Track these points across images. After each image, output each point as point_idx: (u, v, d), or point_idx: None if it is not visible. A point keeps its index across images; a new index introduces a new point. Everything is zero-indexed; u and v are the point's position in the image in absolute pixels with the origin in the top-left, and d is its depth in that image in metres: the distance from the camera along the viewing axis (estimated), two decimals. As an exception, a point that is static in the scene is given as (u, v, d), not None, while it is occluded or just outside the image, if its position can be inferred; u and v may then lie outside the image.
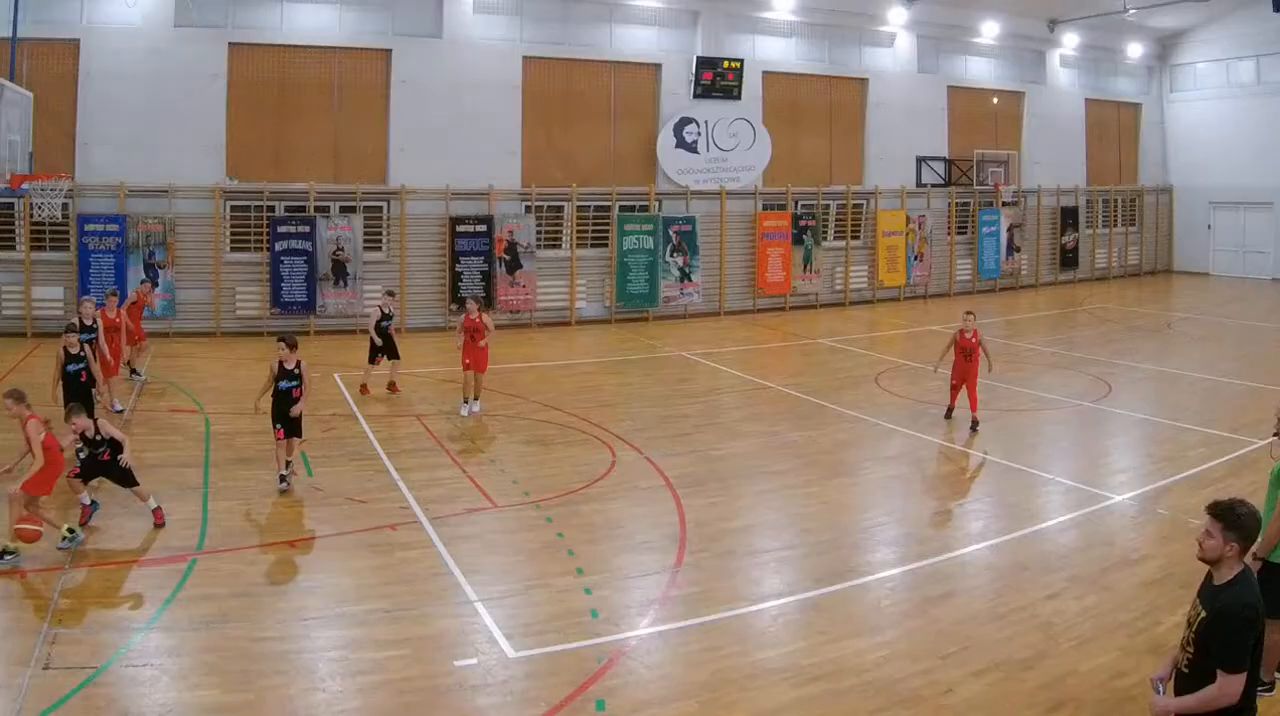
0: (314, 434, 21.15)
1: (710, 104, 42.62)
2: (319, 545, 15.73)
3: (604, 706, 10.91)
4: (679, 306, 41.88)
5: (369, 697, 11.11)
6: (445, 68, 38.10)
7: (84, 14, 34.30)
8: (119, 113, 34.25)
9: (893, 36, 47.19)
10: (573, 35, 40.72)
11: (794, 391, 26.86)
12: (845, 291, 45.93)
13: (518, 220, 38.79)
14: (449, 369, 27.85)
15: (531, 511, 17.33)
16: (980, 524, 17.31)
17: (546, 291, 39.71)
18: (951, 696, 11.19)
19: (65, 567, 14.32)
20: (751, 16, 43.73)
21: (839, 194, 45.71)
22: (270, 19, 36.38)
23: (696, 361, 31.83)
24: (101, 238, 34.18)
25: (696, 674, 11.69)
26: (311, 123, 37.20)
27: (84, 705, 10.61)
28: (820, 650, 12.25)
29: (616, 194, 40.84)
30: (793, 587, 14.31)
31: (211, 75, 35.49)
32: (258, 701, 10.90)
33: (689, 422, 23.78)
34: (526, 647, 12.20)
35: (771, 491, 18.78)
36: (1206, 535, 8.04)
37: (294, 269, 36.00)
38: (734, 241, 43.26)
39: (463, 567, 14.62)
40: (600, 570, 14.74)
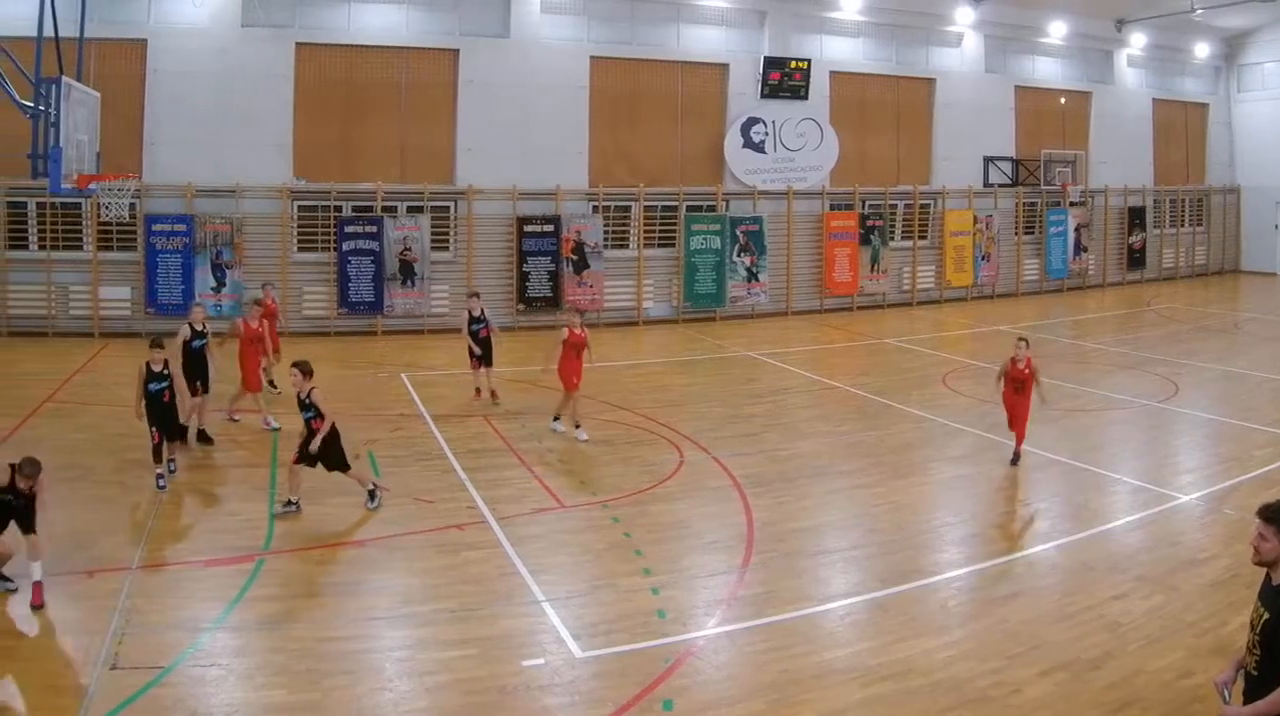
0: (381, 434, 21.06)
1: (777, 104, 40.84)
2: (386, 545, 15.19)
3: (671, 706, 10.62)
4: (746, 306, 40.26)
5: (436, 697, 10.82)
6: (512, 68, 36.73)
7: (151, 14, 33.13)
8: (186, 112, 33.06)
9: (960, 36, 45.16)
10: (640, 35, 39.12)
11: (861, 391, 25.96)
12: (912, 291, 44.11)
13: (585, 220, 37.45)
14: (516, 369, 27.13)
15: (599, 511, 16.81)
16: (1047, 524, 16.75)
17: (614, 291, 38.31)
18: (1018, 696, 10.87)
19: (132, 567, 13.97)
20: (819, 16, 41.88)
21: (906, 194, 43.85)
22: (337, 19, 35.09)
23: (763, 361, 30.75)
24: (169, 238, 32.98)
25: (764, 674, 11.37)
26: (378, 123, 35.94)
27: (151, 705, 10.38)
28: (887, 650, 11.88)
29: (683, 194, 39.34)
30: (860, 587, 13.90)
31: (279, 75, 34.27)
32: (324, 701, 10.67)
33: (756, 422, 23.01)
34: (594, 647, 11.88)
35: (839, 491, 18.16)
36: (1260, 538, 7.69)
37: (361, 269, 34.70)
38: (801, 241, 41.60)
39: (530, 567, 14.22)
40: (667, 570, 14.29)
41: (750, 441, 21.20)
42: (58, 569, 13.31)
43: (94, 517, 15.90)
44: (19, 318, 32.23)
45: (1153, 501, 17.46)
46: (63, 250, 32.53)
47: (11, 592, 12.95)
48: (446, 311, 35.33)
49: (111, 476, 18.06)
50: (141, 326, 32.30)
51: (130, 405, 18.29)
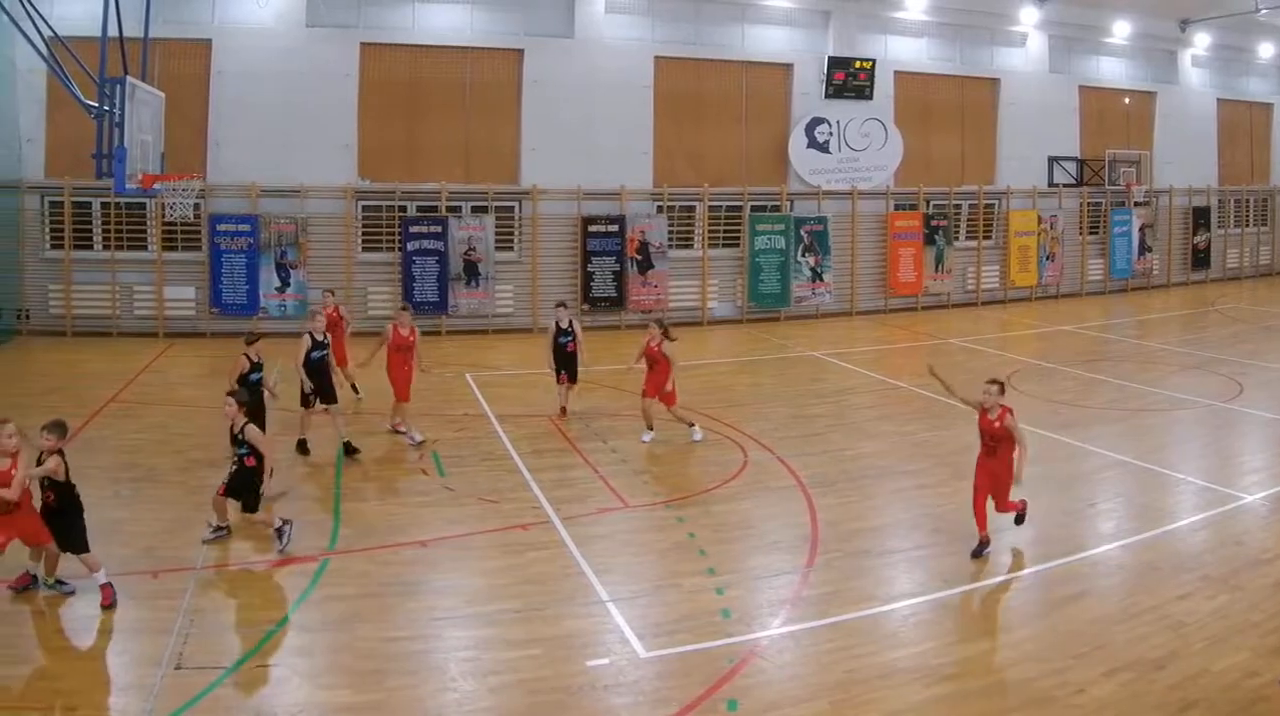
0: (446, 434, 20.53)
1: (842, 104, 39.12)
2: (450, 545, 14.77)
3: (736, 706, 10.25)
4: (811, 306, 38.74)
5: (500, 697, 10.53)
6: (577, 68, 35.36)
7: (215, 14, 32.06)
8: (250, 112, 31.96)
9: (1024, 36, 43.15)
10: (704, 35, 37.55)
11: (925, 391, 24.61)
12: (977, 291, 42.30)
13: (649, 220, 36.01)
14: (581, 369, 25.56)
15: (663, 511, 16.30)
16: (1112, 524, 16.14)
17: (678, 291, 36.78)
18: (1082, 696, 10.48)
19: (197, 567, 13.57)
20: (883, 16, 40.08)
21: (971, 194, 42.01)
22: (402, 19, 33.88)
23: (828, 361, 29.62)
24: (233, 238, 31.88)
25: (828, 674, 10.99)
26: (443, 123, 34.70)
27: (215, 704, 10.12)
28: (951, 650, 11.51)
29: (748, 194, 37.85)
30: (924, 587, 13.39)
31: (343, 75, 33.07)
32: (389, 701, 10.38)
33: (821, 423, 22.29)
34: (658, 647, 11.50)
35: (903, 491, 17.52)
36: None
37: (426, 269, 33.49)
38: (865, 241, 39.86)
39: (594, 567, 13.78)
40: (732, 570, 13.83)
41: (814, 441, 20.52)
42: (123, 569, 12.96)
43: (158, 518, 15.44)
44: (84, 317, 31.34)
45: (1217, 501, 16.85)
46: (127, 250, 31.62)
47: (68, 595, 12.46)
48: (511, 311, 34.53)
49: (175, 476, 17.50)
50: (206, 326, 31.59)
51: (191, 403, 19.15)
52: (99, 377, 25.25)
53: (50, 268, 31.24)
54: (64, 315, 31.18)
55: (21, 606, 12.15)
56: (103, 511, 14.39)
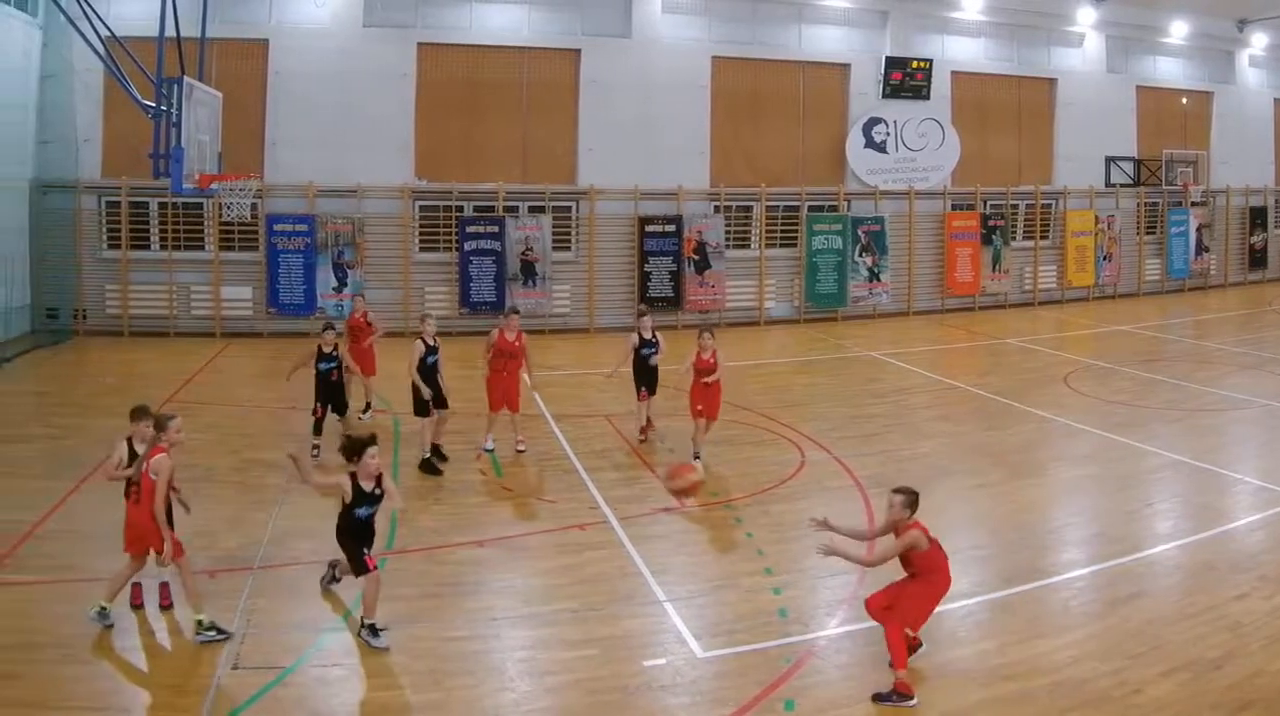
0: (502, 434, 19.16)
1: (899, 104, 37.36)
2: (507, 545, 14.32)
3: (793, 706, 9.99)
4: (868, 306, 37.01)
5: (558, 697, 10.26)
6: (634, 68, 33.88)
7: (272, 14, 30.93)
8: (307, 112, 30.78)
9: (1081, 36, 41.12)
10: (761, 35, 35.92)
11: (982, 391, 24.29)
12: (1034, 291, 40.32)
13: (706, 220, 34.43)
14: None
15: (720, 511, 15.84)
16: (1169, 524, 15.55)
17: (735, 291, 35.20)
18: (1139, 696, 10.17)
19: (254, 567, 13.16)
20: (940, 16, 38.26)
21: (1028, 194, 40.05)
22: (459, 19, 32.57)
23: (885, 361, 28.49)
24: (290, 237, 30.64)
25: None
26: (500, 123, 33.33)
27: (272, 705, 9.85)
28: (1009, 650, 11.17)
29: (805, 194, 36.19)
30: (982, 587, 12.90)
31: (400, 75, 31.76)
32: (446, 701, 10.10)
33: (878, 423, 21.55)
34: (715, 647, 11.20)
35: (960, 491, 16.92)
36: None
37: (483, 269, 32.12)
38: (922, 241, 38.10)
39: (651, 567, 13.39)
40: (789, 570, 13.40)
41: (872, 441, 19.83)
42: None
43: (215, 517, 14.81)
44: (141, 317, 30.26)
45: (1274, 501, 16.23)
46: (184, 250, 30.62)
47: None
48: (568, 311, 33.22)
49: (233, 476, 17.01)
50: (263, 326, 30.50)
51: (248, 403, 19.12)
52: (155, 378, 24.47)
53: (107, 268, 30.15)
54: (121, 315, 30.13)
55: (81, 607, 11.47)
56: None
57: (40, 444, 18.60)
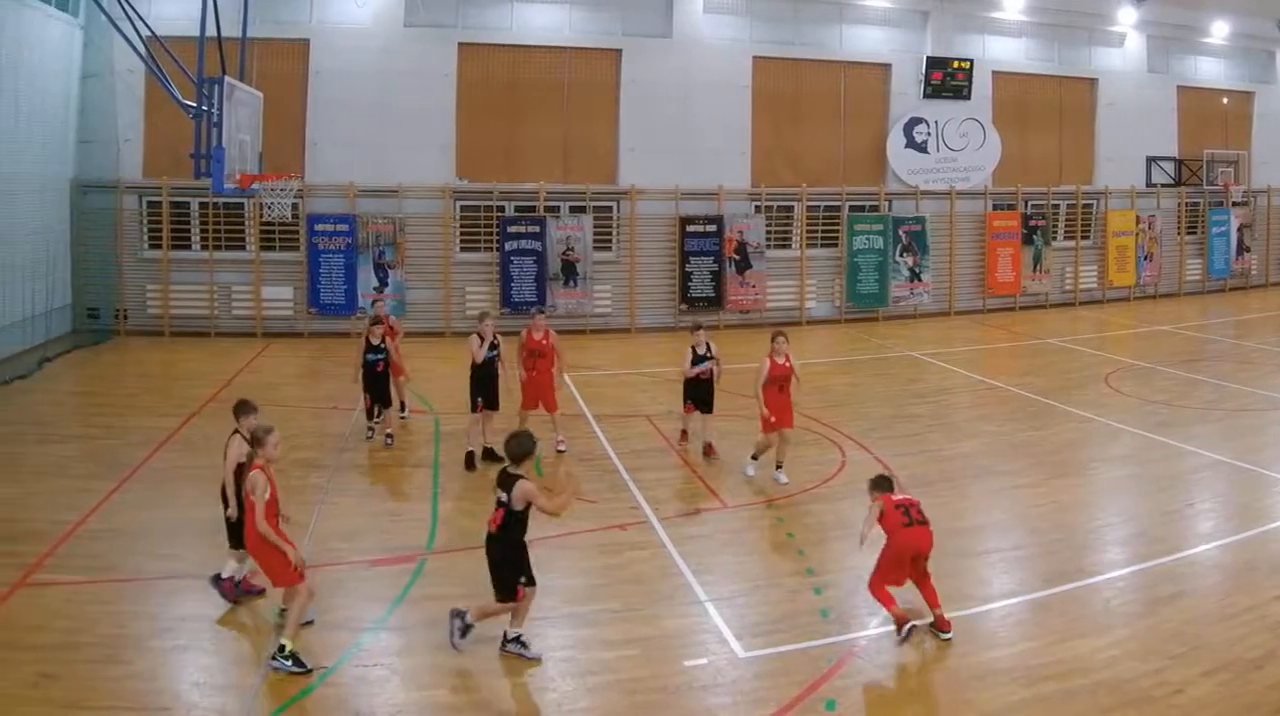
0: (542, 434, 17.42)
1: (940, 104, 35.99)
2: (548, 545, 13.42)
3: (834, 706, 9.71)
4: (909, 306, 35.68)
5: (599, 698, 9.99)
6: (675, 68, 32.66)
7: (313, 14, 29.93)
8: (348, 112, 29.82)
9: (1122, 36, 39.54)
10: (802, 35, 34.61)
11: (1023, 391, 23.57)
12: (1075, 291, 38.87)
13: (747, 220, 33.19)
14: (679, 369, 24.83)
15: (762, 511, 15.46)
16: (1210, 524, 15.21)
17: (776, 291, 33.92)
18: (1180, 696, 9.86)
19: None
20: (981, 16, 36.77)
21: (1069, 194, 38.55)
22: (500, 19, 31.45)
23: (926, 361, 27.65)
24: (331, 238, 29.62)
25: (926, 674, 10.48)
26: (541, 123, 32.19)
27: (315, 705, 9.64)
28: (1050, 650, 10.86)
29: (846, 193, 34.85)
30: (1022, 587, 12.67)
31: (441, 75, 30.73)
32: (487, 701, 9.95)
33: (919, 423, 20.94)
34: (756, 647, 10.92)
35: (1001, 491, 16.56)
36: None
37: (524, 269, 30.98)
38: (963, 241, 36.68)
39: (693, 567, 13.03)
40: (831, 570, 13.11)
41: (913, 441, 19.34)
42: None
43: None
44: (181, 317, 29.40)
45: None
46: (225, 250, 29.72)
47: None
48: (609, 311, 32.07)
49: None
50: (304, 326, 29.54)
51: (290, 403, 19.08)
52: (197, 377, 23.85)
53: (148, 268, 29.31)
54: (162, 315, 29.29)
55: (121, 607, 11.34)
56: (202, 511, 13.55)
57: (81, 444, 18.05)
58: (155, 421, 19.40)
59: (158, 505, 14.06)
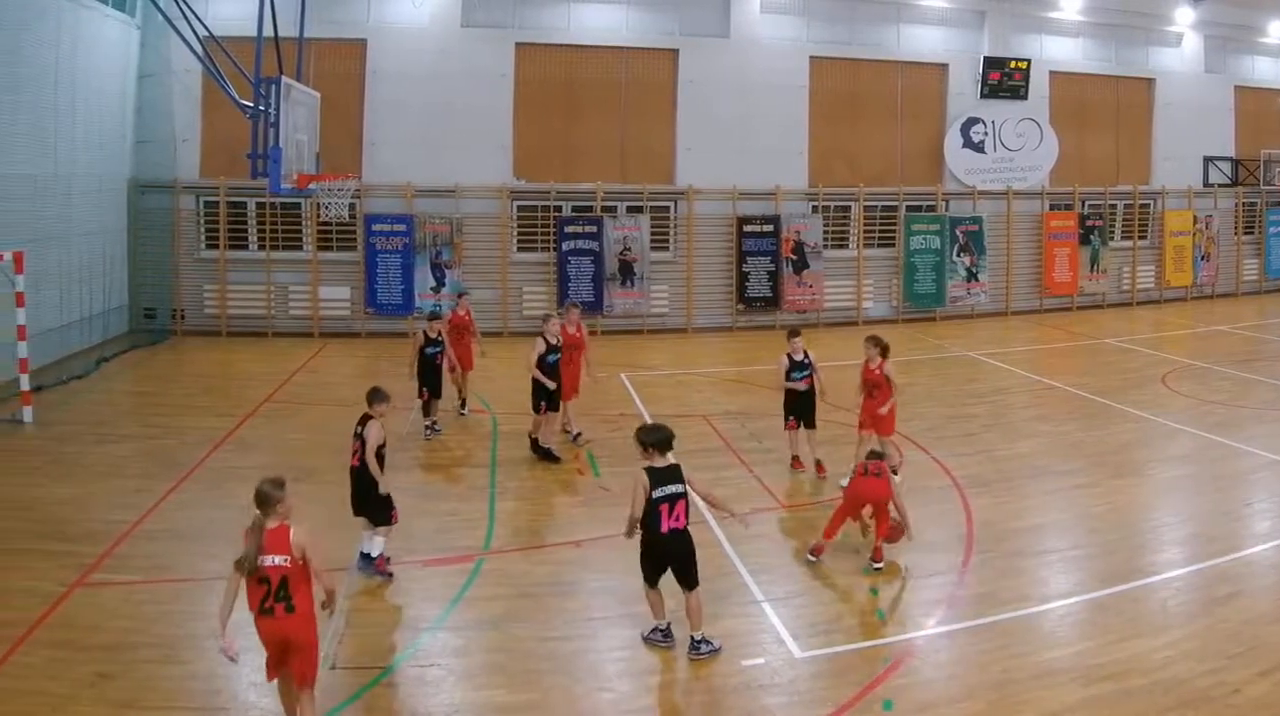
0: (601, 434, 18.40)
1: (997, 104, 33.95)
2: (605, 545, 13.19)
3: (891, 706, 9.16)
4: (966, 306, 33.73)
5: (655, 697, 9.59)
6: (732, 68, 30.89)
7: (371, 14, 28.49)
8: (405, 112, 28.36)
9: (1180, 36, 37.30)
10: (860, 35, 32.72)
11: (1081, 391, 22.51)
12: (1132, 291, 36.74)
13: (804, 220, 31.40)
14: (737, 369, 24.41)
15: (818, 511, 14.50)
16: (1267, 524, 14.35)
17: (833, 291, 32.10)
18: (1238, 696, 9.26)
19: (351, 567, 12.12)
20: (1038, 16, 34.70)
21: (1126, 194, 36.41)
22: (557, 19, 29.86)
23: (983, 361, 26.35)
24: (388, 238, 28.17)
25: (984, 674, 9.80)
26: (598, 123, 30.63)
27: (371, 705, 9.22)
28: (1107, 650, 10.22)
29: (903, 193, 32.99)
30: (1080, 587, 12.02)
31: (498, 75, 29.19)
32: (544, 701, 9.38)
33: (976, 422, 20.00)
34: (813, 647, 10.38)
35: (1058, 491, 15.72)
36: None
37: (581, 269, 29.45)
38: (1020, 241, 34.70)
39: (749, 567, 12.45)
40: (887, 570, 12.33)
41: (970, 441, 18.43)
42: None
43: (314, 517, 13.18)
44: (239, 317, 28.09)
45: None
46: (282, 250, 28.36)
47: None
48: (666, 311, 30.38)
49: (332, 476, 15.20)
50: (361, 326, 28.11)
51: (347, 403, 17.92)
52: (254, 377, 22.94)
53: (205, 268, 28.00)
54: (219, 315, 27.97)
55: (178, 607, 10.94)
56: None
57: (138, 444, 17.33)
58: (212, 421, 18.63)
59: (214, 505, 13.75)
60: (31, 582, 11.37)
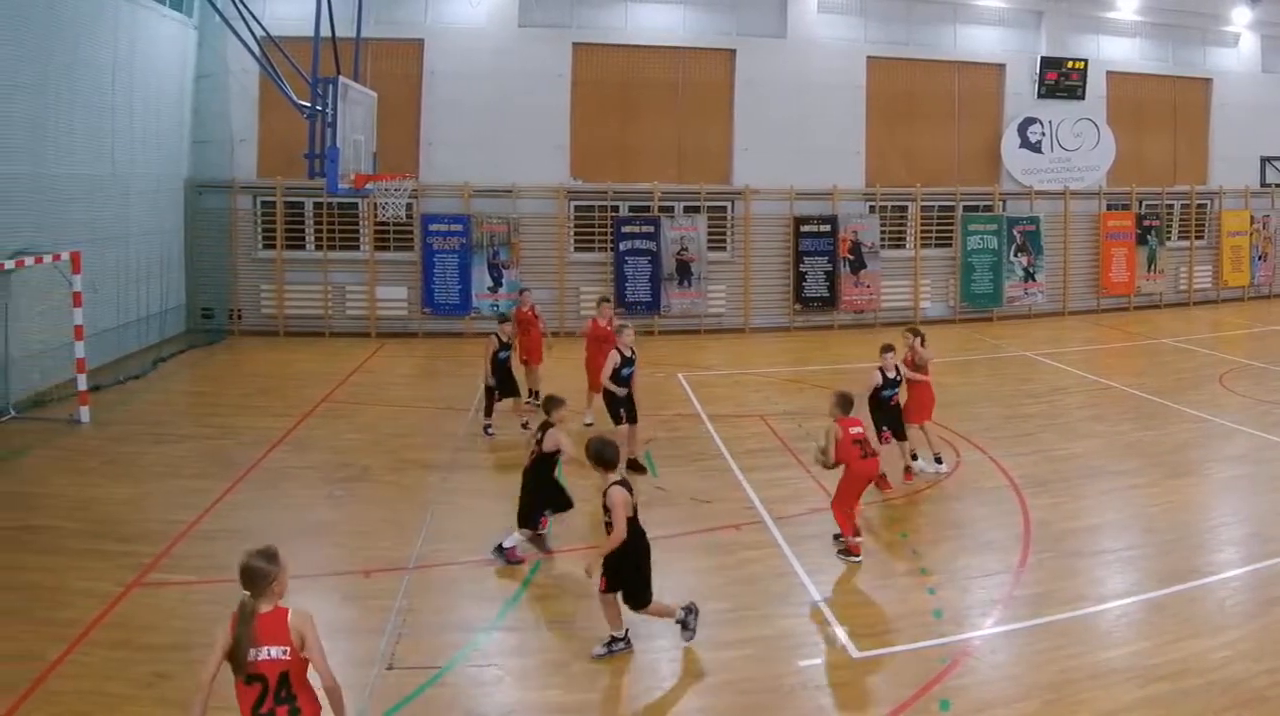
0: (658, 434, 17.52)
1: (1054, 104, 31.91)
2: (662, 545, 11.73)
3: (948, 706, 8.60)
4: (1023, 306, 31.72)
5: (712, 698, 8.97)
6: (789, 68, 29.06)
7: (428, 14, 26.97)
8: (463, 112, 26.84)
9: (1237, 37, 35.02)
10: (916, 35, 30.75)
11: (1138, 391, 21.41)
12: (1189, 291, 34.61)
13: (862, 220, 29.51)
14: (794, 369, 23.68)
15: (875, 511, 13.83)
16: None
17: (890, 291, 30.27)
18: None
19: (409, 567, 11.60)
20: (1095, 16, 32.55)
21: (1183, 194, 34.24)
22: (614, 19, 28.20)
23: (1040, 361, 24.99)
24: (445, 238, 26.66)
25: (1040, 674, 9.21)
26: (655, 123, 28.90)
27: (427, 705, 8.67)
28: (1164, 650, 9.60)
29: (960, 193, 31.03)
30: (1136, 587, 11.24)
31: (556, 75, 27.61)
32: (601, 701, 8.92)
33: (1032, 422, 18.94)
34: (870, 647, 9.75)
35: (1115, 491, 14.89)
36: None
37: (638, 269, 27.82)
38: (1077, 241, 32.69)
39: (806, 567, 11.71)
40: (944, 570, 11.70)
41: (1026, 441, 17.50)
42: (334, 569, 11.43)
43: (371, 517, 13.51)
44: (296, 317, 26.66)
45: None
46: (339, 250, 26.93)
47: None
48: (723, 311, 28.61)
49: (389, 476, 15.25)
50: (418, 326, 26.63)
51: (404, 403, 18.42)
52: (311, 377, 21.81)
53: (262, 268, 26.52)
54: (276, 315, 26.50)
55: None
56: (315, 511, 13.18)
57: (195, 444, 16.52)
58: (269, 421, 17.77)
59: (271, 505, 13.35)
60: (89, 582, 10.81)
